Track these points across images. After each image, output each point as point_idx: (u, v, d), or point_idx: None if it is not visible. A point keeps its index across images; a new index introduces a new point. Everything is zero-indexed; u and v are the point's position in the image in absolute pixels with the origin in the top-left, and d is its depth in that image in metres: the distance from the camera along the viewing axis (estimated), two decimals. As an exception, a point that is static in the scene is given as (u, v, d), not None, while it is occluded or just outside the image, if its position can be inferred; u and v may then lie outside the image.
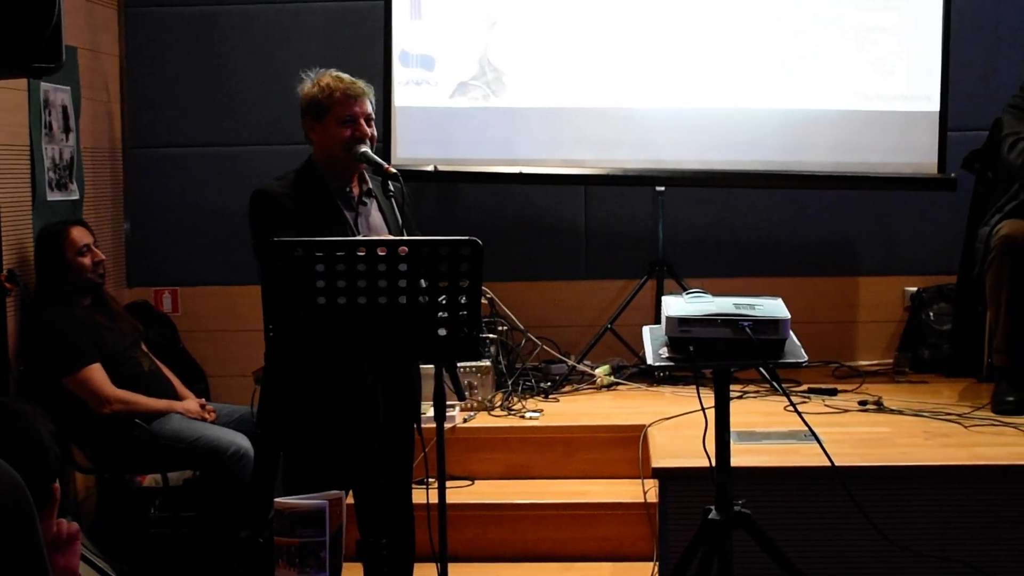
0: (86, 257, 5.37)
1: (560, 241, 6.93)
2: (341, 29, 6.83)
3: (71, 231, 5.40)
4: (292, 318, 3.27)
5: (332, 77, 4.19)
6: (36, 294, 5.41)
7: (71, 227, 5.44)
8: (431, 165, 6.28)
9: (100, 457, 5.34)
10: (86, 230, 5.49)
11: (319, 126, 4.19)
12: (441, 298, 3.28)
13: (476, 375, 5.86)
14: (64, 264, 5.33)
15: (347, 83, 4.17)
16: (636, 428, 5.38)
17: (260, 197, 4.10)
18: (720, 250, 6.88)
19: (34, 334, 5.27)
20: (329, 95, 4.16)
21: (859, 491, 4.14)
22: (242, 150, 6.89)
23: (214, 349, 6.81)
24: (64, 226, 5.45)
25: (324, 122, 4.18)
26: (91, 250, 5.40)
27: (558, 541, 5.20)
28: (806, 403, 5.69)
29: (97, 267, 5.41)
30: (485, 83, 6.37)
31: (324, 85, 4.18)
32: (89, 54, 6.41)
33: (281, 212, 4.03)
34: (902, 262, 6.85)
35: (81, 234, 5.42)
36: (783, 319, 3.61)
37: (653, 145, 6.35)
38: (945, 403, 5.66)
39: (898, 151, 6.32)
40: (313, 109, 4.20)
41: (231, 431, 5.30)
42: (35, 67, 4.16)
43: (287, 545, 2.88)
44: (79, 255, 5.35)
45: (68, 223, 5.50)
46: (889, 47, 6.30)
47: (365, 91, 4.19)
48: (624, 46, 6.34)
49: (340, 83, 4.17)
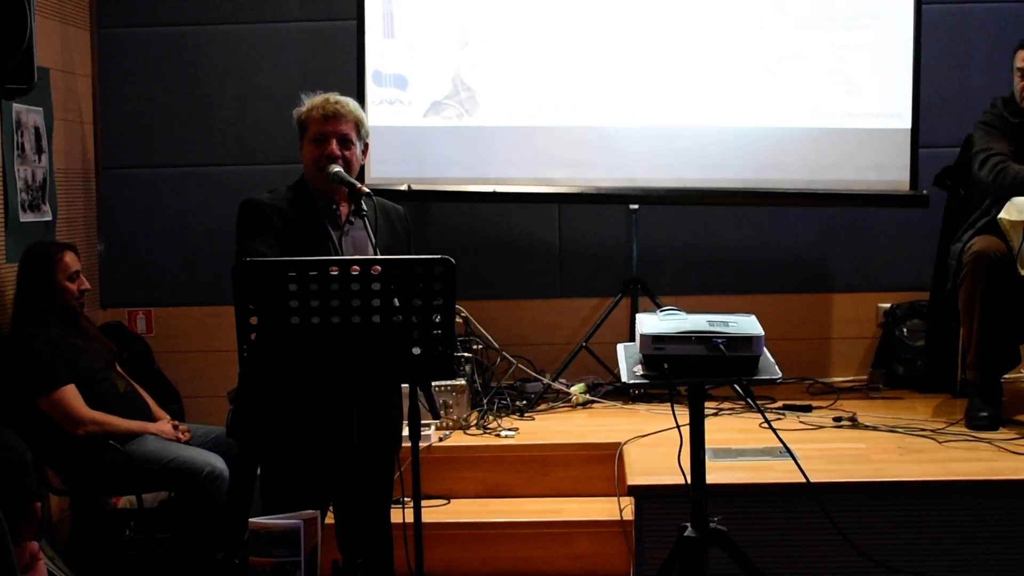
0: (74, 283, 5.37)
1: (535, 260, 6.94)
2: (315, 49, 6.83)
3: (65, 255, 5.39)
4: (265, 337, 3.27)
5: (321, 98, 4.19)
6: (14, 313, 5.39)
7: (65, 251, 5.42)
8: (405, 184, 6.28)
9: (75, 479, 5.31)
10: (76, 257, 5.47)
11: (302, 144, 4.20)
12: (415, 317, 3.28)
13: (451, 394, 5.85)
14: (52, 286, 5.31)
15: (328, 103, 4.16)
16: (612, 446, 5.39)
17: (247, 205, 4.09)
18: (694, 268, 6.90)
19: (8, 354, 5.25)
20: (308, 114, 4.17)
21: (834, 507, 4.16)
22: (216, 170, 6.88)
23: (189, 370, 6.79)
24: (59, 249, 5.43)
25: (303, 141, 4.18)
26: (79, 277, 5.41)
27: (534, 559, 5.20)
28: (781, 420, 5.70)
29: (81, 295, 5.41)
30: (458, 102, 6.38)
31: (310, 105, 4.19)
32: (62, 75, 6.40)
33: (266, 220, 4.02)
34: (875, 279, 6.88)
35: (73, 260, 5.41)
36: (757, 336, 3.61)
37: (626, 163, 6.36)
38: (919, 419, 5.68)
39: (870, 168, 6.34)
40: (298, 128, 4.21)
41: (206, 452, 5.28)
42: (7, 88, 4.17)
43: (262, 565, 2.87)
44: (69, 280, 5.35)
45: (63, 247, 5.48)
46: (860, 65, 6.33)
47: (345, 113, 4.15)
48: (597, 65, 6.36)
49: (323, 103, 4.16)
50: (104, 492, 5.51)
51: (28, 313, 5.31)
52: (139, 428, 5.32)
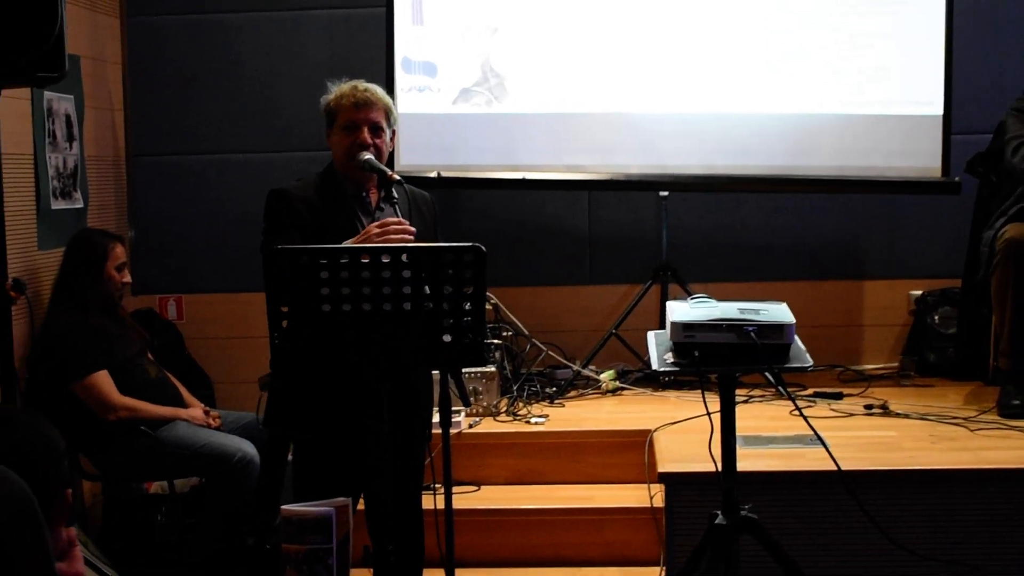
0: (122, 273, 5.47)
1: (564, 246, 6.93)
2: (344, 36, 6.84)
3: (116, 246, 5.52)
4: (297, 325, 3.27)
5: (350, 86, 4.18)
6: (52, 297, 5.45)
7: (117, 242, 5.55)
8: (434, 172, 6.28)
9: (107, 464, 5.34)
10: (124, 250, 5.61)
11: (331, 132, 4.20)
12: (446, 304, 3.28)
13: (481, 381, 5.86)
14: (100, 274, 5.40)
15: (359, 91, 4.15)
16: (642, 433, 5.38)
17: (275, 195, 4.10)
18: (724, 254, 6.88)
19: (46, 336, 5.30)
20: (338, 102, 4.17)
21: (865, 495, 4.14)
22: (246, 157, 6.89)
23: (219, 356, 6.81)
24: (109, 238, 5.56)
25: (333, 128, 4.18)
26: (125, 270, 5.51)
27: (564, 546, 5.20)
28: (812, 407, 5.68)
29: (124, 287, 5.53)
30: (488, 89, 6.38)
31: (338, 93, 4.18)
32: (92, 63, 6.42)
33: (292, 212, 4.03)
34: (907, 266, 6.85)
35: (122, 252, 5.54)
36: (788, 324, 3.60)
37: (657, 150, 6.35)
38: (951, 407, 5.66)
39: (902, 155, 6.31)
40: (327, 115, 4.21)
41: (237, 438, 5.31)
42: (39, 76, 4.18)
43: (294, 552, 2.88)
44: (117, 270, 5.45)
45: (115, 238, 5.62)
46: (892, 51, 6.30)
47: (375, 101, 4.16)
48: (627, 51, 6.35)
49: (352, 91, 4.15)
50: (136, 477, 5.54)
51: (68, 298, 5.37)
52: (170, 414, 5.35)
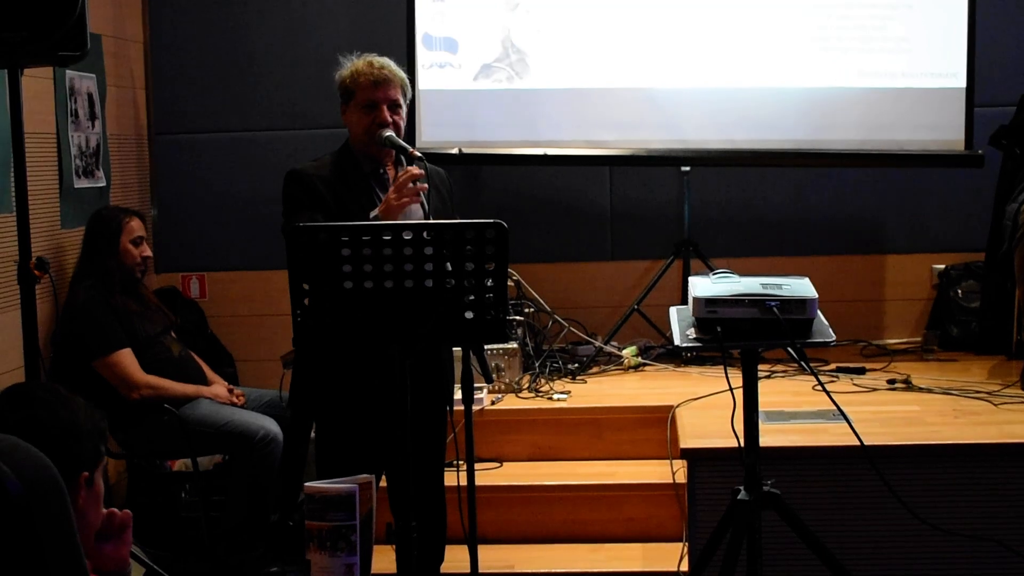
0: (138, 248, 5.45)
1: (586, 222, 6.92)
2: (365, 12, 6.83)
3: (132, 220, 5.48)
4: (319, 302, 3.28)
5: (364, 62, 4.18)
6: (74, 275, 5.46)
7: (132, 216, 5.52)
8: (455, 148, 6.28)
9: (130, 442, 5.37)
10: (142, 224, 5.56)
11: (348, 110, 4.20)
12: (467, 281, 3.28)
13: (503, 357, 5.86)
14: (116, 249, 5.38)
15: (375, 68, 4.15)
16: (664, 409, 5.38)
17: (292, 176, 4.11)
18: (746, 229, 6.86)
19: (68, 314, 5.31)
20: (355, 79, 4.16)
21: (888, 470, 4.13)
22: (268, 135, 6.90)
23: (242, 334, 6.83)
24: (126, 213, 5.53)
25: (350, 106, 4.18)
26: (143, 244, 5.49)
27: (587, 522, 5.21)
28: (834, 382, 5.67)
29: (144, 262, 5.50)
30: (508, 65, 6.37)
31: (353, 70, 4.18)
32: (114, 41, 6.43)
33: (311, 191, 4.04)
34: (929, 239, 6.82)
35: (138, 226, 5.50)
36: (810, 299, 3.60)
37: (678, 125, 6.34)
38: (974, 381, 5.65)
39: (925, 128, 6.28)
40: (343, 93, 4.21)
41: (260, 415, 5.32)
42: (61, 55, 4.19)
43: (318, 529, 2.89)
44: (133, 244, 5.43)
45: (131, 212, 5.58)
46: (915, 23, 6.27)
47: (392, 78, 4.16)
48: (648, 26, 6.33)
49: (369, 68, 4.15)
50: (159, 455, 5.56)
51: (89, 276, 5.38)
52: (193, 392, 5.37)
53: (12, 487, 1.82)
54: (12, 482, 1.82)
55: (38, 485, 1.89)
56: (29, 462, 1.93)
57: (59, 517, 1.92)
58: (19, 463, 1.89)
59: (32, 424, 2.22)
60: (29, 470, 1.90)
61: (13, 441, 1.96)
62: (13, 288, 4.47)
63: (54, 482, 1.93)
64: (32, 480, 1.88)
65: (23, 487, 1.84)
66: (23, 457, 1.92)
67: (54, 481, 1.93)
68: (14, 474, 1.84)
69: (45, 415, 2.27)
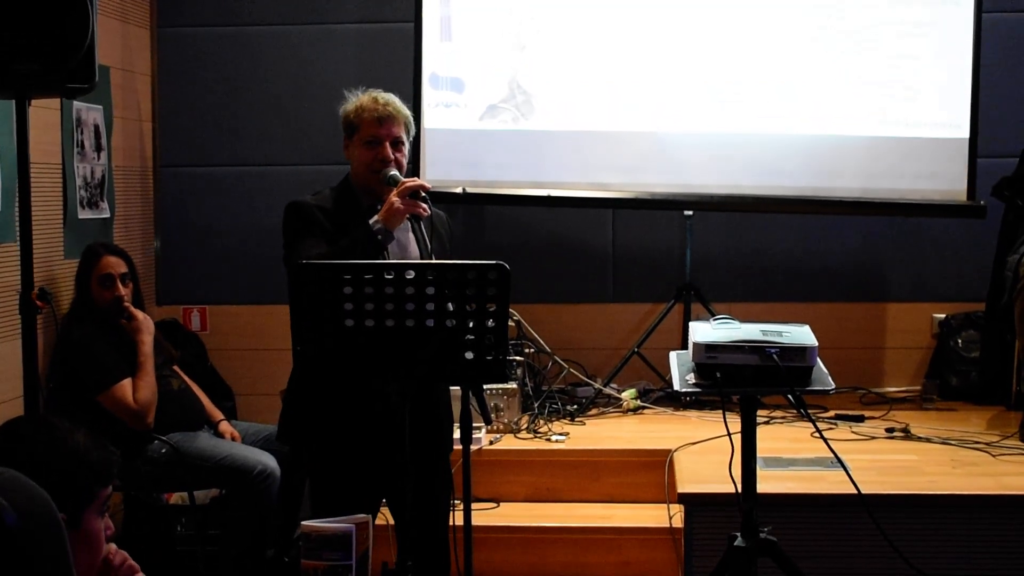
0: (108, 290, 5.30)
1: (587, 264, 6.93)
2: (372, 50, 6.86)
3: (104, 258, 5.34)
4: (319, 338, 3.28)
5: (369, 97, 4.19)
6: (69, 311, 5.43)
7: (105, 255, 5.36)
8: (459, 187, 6.29)
9: (127, 474, 5.34)
10: (120, 260, 5.39)
11: (350, 144, 4.21)
12: (468, 322, 3.29)
13: (502, 397, 5.86)
14: (87, 289, 5.34)
15: (380, 104, 4.16)
16: (662, 452, 5.38)
17: (293, 207, 4.11)
18: (747, 275, 6.87)
19: (64, 352, 5.28)
20: (359, 115, 4.17)
21: (886, 519, 4.13)
22: (273, 170, 6.92)
23: (242, 368, 6.83)
24: (99, 251, 5.39)
25: (353, 141, 4.19)
26: (115, 283, 5.32)
27: (583, 565, 5.20)
28: (832, 429, 5.67)
29: (116, 302, 5.31)
30: (514, 106, 6.39)
31: (358, 105, 4.19)
32: (122, 73, 6.46)
33: (312, 224, 4.03)
34: (930, 289, 6.82)
35: (112, 263, 5.34)
36: (811, 347, 3.60)
37: (681, 169, 6.36)
38: (973, 431, 5.64)
39: (927, 177, 6.30)
40: (346, 127, 4.22)
41: (258, 450, 5.31)
42: (69, 87, 4.21)
43: (313, 568, 2.89)
44: (102, 283, 5.31)
45: (106, 250, 5.42)
46: (919, 73, 6.29)
47: (396, 115, 4.16)
48: (653, 70, 6.36)
49: (373, 104, 4.16)
50: (156, 488, 5.55)
51: (81, 309, 5.34)
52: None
53: (9, 520, 1.82)
54: (10, 515, 1.82)
55: (35, 519, 1.89)
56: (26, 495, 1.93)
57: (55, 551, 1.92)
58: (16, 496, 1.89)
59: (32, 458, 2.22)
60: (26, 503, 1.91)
61: (11, 474, 1.96)
62: (14, 318, 4.47)
63: (51, 516, 1.93)
64: (29, 513, 1.88)
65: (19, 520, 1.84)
66: (21, 490, 1.93)
67: (51, 515, 1.93)
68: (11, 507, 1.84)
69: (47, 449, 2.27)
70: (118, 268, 5.36)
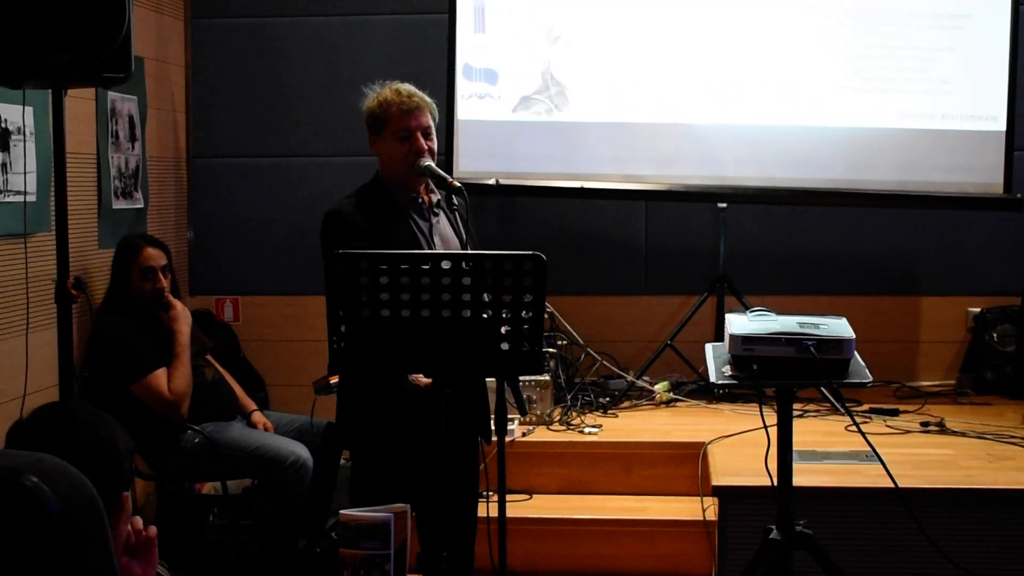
0: (149, 282, 5.33)
1: (621, 256, 6.91)
2: (405, 42, 6.85)
3: (145, 249, 5.36)
4: (355, 329, 3.28)
5: (391, 91, 4.18)
6: (103, 301, 5.44)
7: (147, 246, 5.39)
8: (493, 179, 6.28)
9: (160, 464, 5.36)
10: (161, 252, 5.42)
11: (379, 140, 4.19)
12: (504, 312, 3.28)
13: (535, 389, 5.86)
14: (127, 280, 5.35)
15: (404, 96, 4.15)
16: (696, 445, 5.37)
17: (332, 219, 4.09)
18: (781, 268, 6.84)
19: (98, 342, 5.29)
20: (385, 109, 4.16)
21: (922, 513, 4.11)
22: (305, 161, 6.92)
23: (274, 358, 6.84)
24: (139, 243, 5.40)
25: (383, 136, 4.18)
26: (156, 275, 5.35)
27: (616, 557, 5.19)
28: (867, 423, 5.63)
29: (157, 293, 5.34)
30: (548, 97, 6.38)
31: (382, 100, 4.18)
32: (156, 64, 6.47)
33: (353, 232, 4.01)
34: (966, 282, 6.79)
35: (154, 255, 5.37)
36: (848, 339, 3.58)
37: (715, 161, 6.33)
38: (1008, 425, 5.61)
39: (963, 170, 6.26)
40: (372, 123, 4.20)
41: (290, 440, 5.31)
42: (105, 77, 4.21)
43: (352, 557, 2.88)
44: (143, 275, 5.33)
45: (146, 242, 5.44)
46: (955, 66, 6.26)
47: (422, 104, 4.16)
48: (687, 62, 6.33)
49: (397, 97, 4.15)
50: (189, 478, 5.56)
51: (116, 300, 5.36)
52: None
53: (51, 507, 1.82)
54: (52, 502, 1.82)
55: (77, 505, 1.89)
56: (68, 482, 1.93)
57: (97, 538, 1.92)
58: (58, 483, 1.89)
59: (72, 443, 2.22)
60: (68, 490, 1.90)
61: (52, 460, 1.96)
62: (50, 307, 4.48)
63: (93, 502, 1.93)
64: (71, 500, 1.88)
65: (62, 507, 1.84)
66: (62, 477, 1.92)
67: (93, 501, 1.93)
68: (53, 494, 1.84)
69: (87, 434, 2.27)
70: (159, 260, 5.39)
